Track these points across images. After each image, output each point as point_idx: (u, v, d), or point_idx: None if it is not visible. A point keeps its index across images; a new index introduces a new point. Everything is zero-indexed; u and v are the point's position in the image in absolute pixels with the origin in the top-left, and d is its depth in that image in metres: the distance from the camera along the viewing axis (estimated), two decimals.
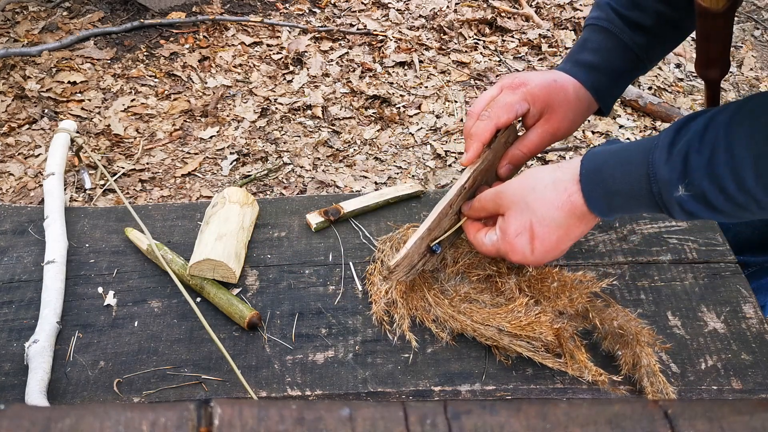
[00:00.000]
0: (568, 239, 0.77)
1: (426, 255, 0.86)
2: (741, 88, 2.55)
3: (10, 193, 1.98)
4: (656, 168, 0.69)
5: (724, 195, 0.65)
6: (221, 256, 0.90)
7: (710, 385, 0.83)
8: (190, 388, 0.83)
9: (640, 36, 0.88)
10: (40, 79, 2.33)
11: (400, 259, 0.82)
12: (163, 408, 0.38)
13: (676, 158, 0.67)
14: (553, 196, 0.75)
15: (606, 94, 0.90)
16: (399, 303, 0.88)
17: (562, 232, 0.76)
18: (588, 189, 0.73)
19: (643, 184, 0.70)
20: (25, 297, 0.94)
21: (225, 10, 2.72)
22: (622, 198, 0.72)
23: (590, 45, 0.89)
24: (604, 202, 0.73)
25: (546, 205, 0.75)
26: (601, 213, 0.74)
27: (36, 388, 0.79)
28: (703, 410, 0.41)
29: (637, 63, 0.90)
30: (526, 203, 0.76)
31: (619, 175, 0.72)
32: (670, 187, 0.68)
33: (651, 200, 0.70)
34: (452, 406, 0.41)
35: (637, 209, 0.73)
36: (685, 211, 0.69)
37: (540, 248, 0.77)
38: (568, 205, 0.74)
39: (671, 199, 0.68)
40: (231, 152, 2.14)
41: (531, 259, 0.78)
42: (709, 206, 0.67)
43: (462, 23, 2.74)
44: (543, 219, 0.75)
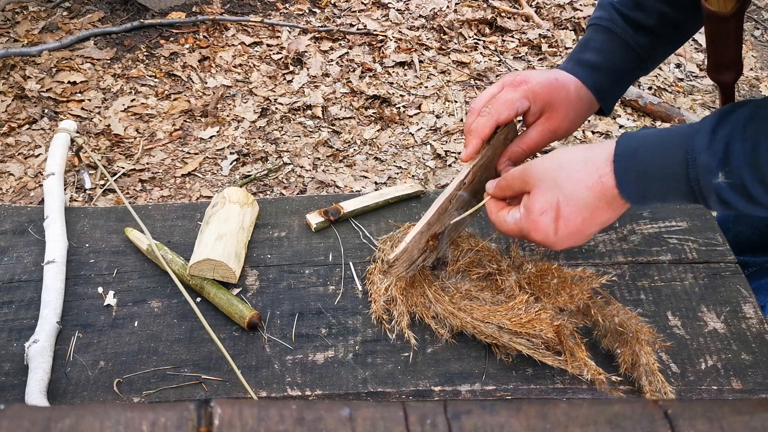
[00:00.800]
0: (593, 224, 0.74)
1: (426, 250, 0.86)
2: (741, 89, 2.55)
3: (10, 193, 1.98)
4: (696, 153, 0.66)
5: (764, 186, 0.64)
6: (221, 256, 0.90)
7: (710, 385, 0.83)
8: (190, 388, 0.83)
9: (643, 36, 0.88)
10: (40, 79, 2.33)
11: (400, 253, 0.81)
12: (163, 408, 0.38)
13: (717, 145, 0.65)
14: (583, 175, 0.72)
15: (607, 94, 0.90)
16: (398, 300, 0.87)
17: (588, 214, 0.73)
18: (621, 171, 0.70)
19: (680, 169, 0.67)
20: (25, 297, 0.94)
21: (225, 10, 2.72)
22: (656, 183, 0.69)
23: (592, 45, 0.89)
24: (637, 186, 0.70)
25: (575, 184, 0.72)
26: (632, 199, 0.72)
27: (36, 388, 0.79)
28: (703, 410, 0.41)
29: (639, 63, 0.90)
30: (554, 180, 0.74)
31: (656, 158, 0.69)
32: (709, 174, 0.65)
33: (687, 187, 0.67)
34: (452, 406, 0.41)
35: (671, 197, 0.70)
36: (721, 201, 0.66)
37: (564, 229, 0.74)
38: (599, 186, 0.72)
39: (709, 187, 0.66)
40: (231, 152, 2.14)
41: (553, 239, 0.75)
42: (747, 197, 0.65)
43: (462, 23, 2.74)
44: (570, 198, 0.73)
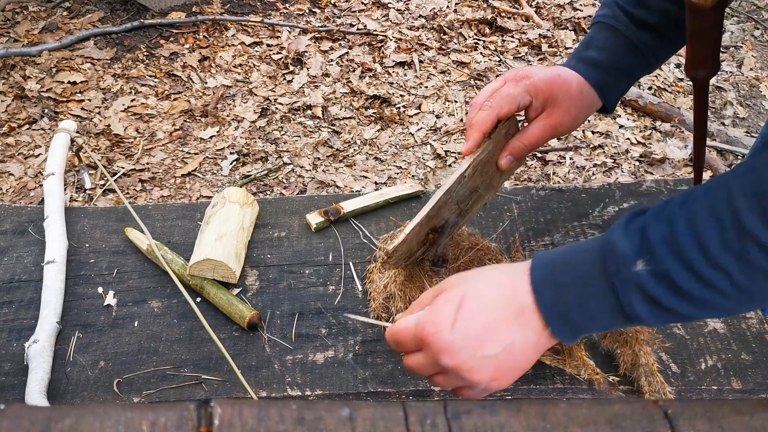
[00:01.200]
0: (495, 334, 0.64)
1: (426, 243, 0.85)
2: (741, 88, 2.55)
3: (10, 193, 1.98)
4: (612, 244, 0.61)
5: (689, 271, 0.58)
6: (221, 256, 0.90)
7: (710, 385, 0.83)
8: (190, 388, 0.83)
9: (646, 34, 0.87)
10: (40, 79, 2.33)
11: (399, 243, 0.81)
12: (163, 408, 0.38)
13: (633, 234, 0.61)
14: (497, 275, 0.67)
15: (610, 92, 0.90)
16: (397, 296, 0.87)
17: (491, 318, 0.64)
18: (539, 278, 0.64)
19: (598, 266, 0.62)
20: (25, 297, 0.94)
21: (225, 10, 2.72)
22: (574, 289, 0.63)
23: (596, 42, 0.89)
24: (556, 295, 0.63)
25: (486, 281, 0.67)
26: (549, 312, 0.64)
27: (36, 388, 0.79)
28: (703, 410, 0.41)
29: (643, 61, 0.89)
30: (466, 278, 0.68)
31: (574, 261, 0.64)
32: (627, 262, 0.60)
33: (607, 286, 0.61)
34: (452, 406, 0.41)
35: (593, 304, 0.62)
36: (646, 297, 0.60)
37: (461, 326, 0.64)
38: (510, 289, 0.65)
39: (629, 278, 0.60)
40: (231, 152, 2.14)
41: (447, 336, 0.64)
42: (673, 288, 0.59)
43: (462, 23, 2.74)
44: (477, 293, 0.66)
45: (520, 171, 2.14)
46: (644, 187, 1.10)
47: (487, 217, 1.05)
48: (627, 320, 0.62)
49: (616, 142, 2.26)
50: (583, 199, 1.08)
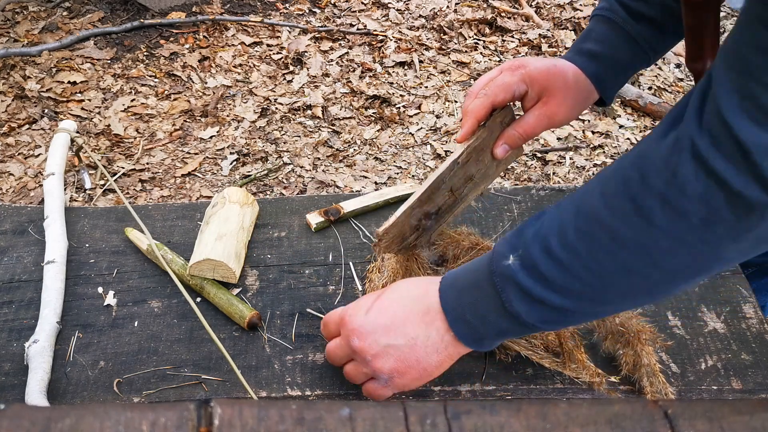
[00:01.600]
0: (400, 326, 0.70)
1: (419, 229, 0.85)
2: None
3: (10, 193, 1.98)
4: (497, 246, 0.67)
5: (550, 256, 0.62)
6: (221, 256, 0.90)
7: (710, 385, 0.83)
8: (190, 388, 0.83)
9: (644, 27, 0.88)
10: (40, 79, 2.33)
11: (389, 226, 0.81)
12: (163, 408, 0.38)
13: (512, 234, 0.67)
14: (421, 280, 0.75)
15: (607, 84, 0.90)
16: None
17: (400, 311, 0.70)
18: (445, 283, 0.70)
19: (485, 267, 0.67)
20: (25, 297, 0.94)
21: (225, 10, 2.72)
22: (469, 291, 0.68)
23: (594, 35, 0.89)
24: (455, 298, 0.69)
25: (409, 281, 0.75)
26: (450, 312, 0.69)
27: (36, 388, 0.79)
28: (703, 410, 0.41)
29: (641, 54, 0.90)
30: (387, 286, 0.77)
31: (470, 266, 0.70)
32: (503, 257, 0.65)
33: (490, 285, 0.66)
34: (452, 406, 0.41)
35: (484, 305, 0.67)
36: (518, 289, 0.64)
37: (373, 314, 0.71)
38: (423, 289, 0.71)
39: (503, 272, 0.64)
40: (231, 152, 2.14)
41: (360, 319, 0.71)
42: (539, 276, 0.62)
43: (462, 23, 2.74)
44: (395, 288, 0.73)
45: (520, 171, 2.14)
46: None
47: (487, 217, 1.05)
48: (512, 320, 0.65)
49: (616, 142, 2.26)
50: None
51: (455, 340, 0.69)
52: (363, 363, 0.72)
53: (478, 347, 0.70)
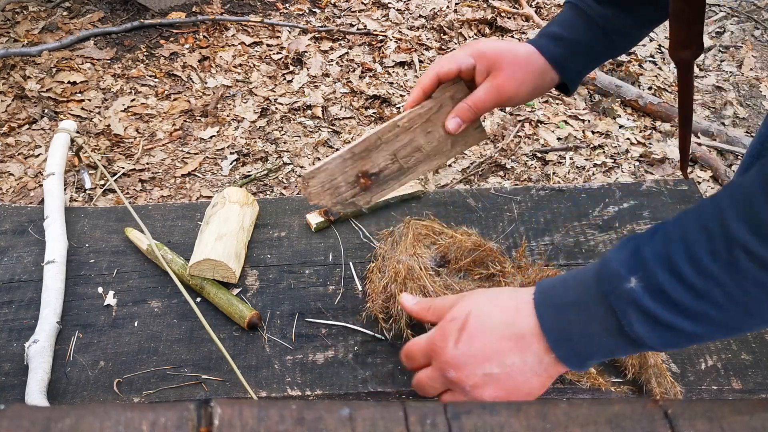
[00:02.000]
0: (494, 355, 0.66)
1: (355, 186, 0.86)
2: (741, 88, 2.55)
3: (10, 193, 1.98)
4: (607, 265, 0.62)
5: (681, 282, 0.58)
6: (221, 256, 0.90)
7: (710, 385, 0.83)
8: (190, 388, 0.83)
9: (608, 10, 0.87)
10: (40, 79, 2.33)
11: (316, 169, 0.80)
12: (163, 408, 0.38)
13: (626, 252, 0.62)
14: (503, 299, 0.69)
15: (567, 67, 0.89)
16: (397, 296, 0.87)
17: (490, 339, 0.66)
18: (541, 302, 0.65)
19: (594, 287, 0.62)
20: (25, 297, 0.94)
21: (225, 10, 2.72)
22: (574, 311, 0.63)
23: (559, 19, 0.90)
24: (556, 318, 0.64)
25: (490, 302, 0.69)
26: (551, 333, 0.64)
27: (36, 388, 0.79)
28: (703, 410, 0.41)
29: (604, 38, 0.89)
30: (475, 297, 0.71)
31: (570, 285, 0.64)
32: (621, 279, 0.60)
33: (604, 307, 0.61)
34: (452, 406, 0.41)
35: (593, 326, 0.63)
36: (642, 313, 0.60)
37: (463, 345, 0.67)
38: (512, 310, 0.67)
39: (624, 296, 0.60)
40: (231, 152, 2.14)
41: (451, 351, 0.67)
42: (668, 300, 0.59)
43: (462, 23, 2.74)
44: (481, 314, 0.68)
45: (520, 171, 2.14)
46: (644, 187, 1.11)
47: (487, 217, 1.05)
48: (630, 342, 0.62)
49: (616, 142, 2.26)
50: (583, 199, 1.09)
51: (556, 361, 0.65)
52: (462, 392, 0.69)
53: (580, 368, 0.66)
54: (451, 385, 0.70)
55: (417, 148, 0.87)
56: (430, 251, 0.91)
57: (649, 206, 1.07)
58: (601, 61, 0.92)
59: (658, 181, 1.12)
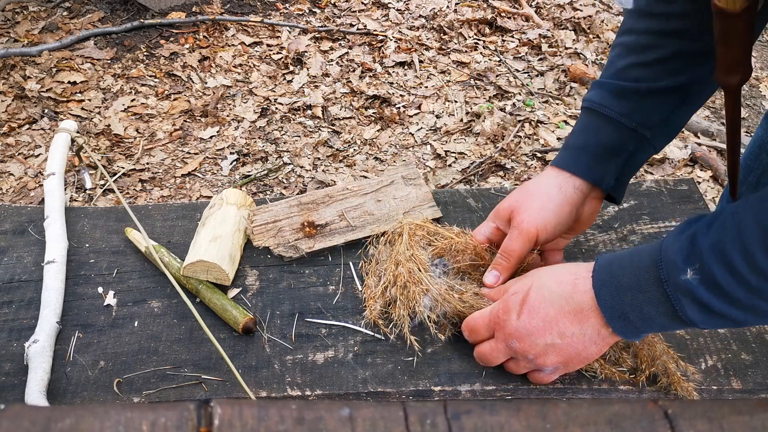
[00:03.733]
0: (554, 326, 0.72)
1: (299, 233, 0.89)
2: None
3: (10, 193, 1.98)
4: (664, 251, 0.65)
5: (735, 278, 0.60)
6: (215, 258, 0.90)
7: (710, 385, 0.83)
8: (190, 388, 0.83)
9: (624, 104, 0.84)
10: (40, 79, 2.33)
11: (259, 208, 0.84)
12: (163, 408, 0.38)
13: (683, 241, 0.64)
14: (562, 274, 0.73)
15: (597, 171, 0.85)
16: (399, 301, 0.86)
17: (552, 312, 0.72)
18: (599, 280, 0.69)
19: (651, 272, 0.65)
20: (25, 297, 0.94)
21: (225, 10, 2.72)
22: (630, 293, 0.67)
23: (575, 128, 0.88)
24: (613, 297, 0.68)
25: (550, 277, 0.74)
26: (608, 312, 0.69)
27: (36, 388, 0.79)
28: (703, 410, 0.41)
29: (631, 134, 0.84)
30: (537, 271, 0.76)
31: (628, 266, 0.68)
32: (677, 270, 0.63)
33: (660, 292, 0.65)
34: (452, 406, 0.41)
35: (648, 308, 0.67)
36: (696, 302, 0.63)
37: (526, 317, 0.73)
38: (570, 285, 0.71)
39: (679, 285, 0.63)
40: (231, 152, 2.14)
41: (514, 323, 0.74)
42: (721, 293, 0.61)
43: (462, 23, 2.74)
44: (541, 287, 0.73)
45: (520, 171, 2.14)
46: (644, 187, 1.10)
47: (486, 218, 1.05)
48: (682, 324, 0.66)
49: None
50: None
51: (612, 333, 0.71)
52: (525, 360, 0.76)
53: (634, 338, 0.72)
54: (514, 354, 0.76)
55: (366, 212, 0.88)
56: (427, 252, 0.90)
57: (649, 206, 1.07)
58: (638, 158, 0.87)
59: (658, 181, 1.12)
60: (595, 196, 0.88)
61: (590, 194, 0.87)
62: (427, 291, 0.85)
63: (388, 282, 0.87)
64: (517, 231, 0.84)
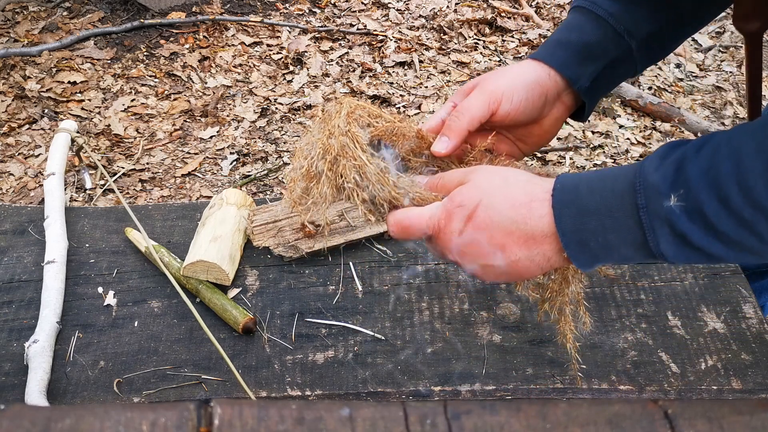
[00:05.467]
0: (499, 249, 0.64)
1: (299, 233, 0.85)
2: (741, 88, 2.55)
3: (10, 193, 1.98)
4: (645, 175, 0.58)
5: (727, 209, 0.54)
6: (215, 258, 0.90)
7: (710, 385, 0.83)
8: (190, 388, 0.83)
9: (615, 5, 0.79)
10: (40, 79, 2.33)
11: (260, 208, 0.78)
12: (163, 408, 0.38)
13: (668, 166, 0.57)
14: (516, 193, 0.64)
15: (575, 71, 0.79)
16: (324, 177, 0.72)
17: (498, 234, 0.64)
18: (560, 201, 0.61)
19: (625, 198, 0.58)
20: (25, 297, 0.94)
21: (225, 10, 2.72)
22: (596, 217, 0.60)
23: (562, 25, 0.83)
24: (575, 222, 0.61)
25: (503, 196, 0.64)
26: (567, 235, 0.61)
27: (36, 388, 0.79)
28: (703, 410, 0.41)
29: (616, 39, 0.79)
30: (489, 183, 0.66)
31: (598, 188, 0.60)
32: (660, 196, 0.56)
33: (633, 219, 0.58)
34: (452, 406, 0.41)
35: (615, 236, 0.60)
36: (675, 234, 0.56)
37: (468, 236, 0.65)
38: (525, 209, 0.63)
39: (660, 213, 0.56)
40: (231, 152, 2.14)
41: (455, 239, 0.66)
42: (705, 224, 0.55)
43: (462, 23, 2.74)
44: (491, 207, 0.64)
45: None
46: None
47: None
48: (649, 255, 0.59)
49: (616, 142, 2.26)
50: None
51: (565, 259, 0.64)
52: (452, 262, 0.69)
53: (587, 269, 0.65)
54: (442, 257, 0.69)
55: (365, 214, 0.87)
56: (365, 132, 0.76)
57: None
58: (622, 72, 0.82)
59: None
60: (565, 100, 0.80)
61: (561, 95, 0.80)
62: (359, 168, 0.73)
63: (316, 156, 0.73)
64: (479, 90, 0.76)
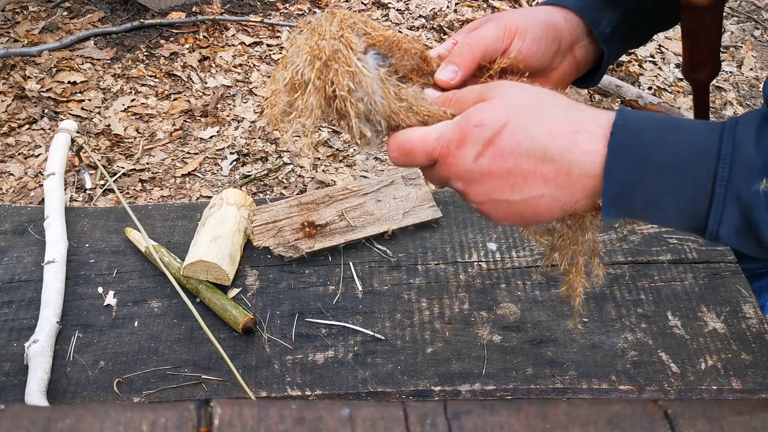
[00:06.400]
0: (521, 182, 0.53)
1: (299, 233, 0.88)
2: (741, 88, 2.55)
3: (10, 193, 1.98)
4: (738, 146, 0.48)
5: None
6: (215, 258, 0.90)
7: (710, 385, 0.83)
8: (190, 388, 0.83)
9: None
10: (40, 79, 2.33)
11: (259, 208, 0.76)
12: (163, 408, 0.38)
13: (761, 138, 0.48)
14: (556, 118, 0.53)
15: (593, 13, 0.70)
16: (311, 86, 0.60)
17: (525, 166, 0.52)
18: (619, 143, 0.50)
19: (705, 162, 0.48)
20: (25, 297, 0.94)
21: (225, 10, 2.72)
22: (659, 174, 0.49)
23: None
24: (630, 171, 0.50)
25: (539, 120, 0.53)
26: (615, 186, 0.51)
27: (36, 388, 0.79)
28: (703, 410, 0.41)
29: None
30: (521, 102, 0.54)
31: (673, 140, 0.50)
32: (750, 174, 0.47)
33: (704, 190, 0.49)
34: (452, 406, 0.41)
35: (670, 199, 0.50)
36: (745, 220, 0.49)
37: (486, 162, 0.53)
38: (566, 141, 0.51)
39: (741, 193, 0.48)
40: (231, 152, 2.14)
41: (467, 164, 0.54)
42: None
43: (462, 23, 2.74)
44: (520, 129, 0.52)
45: None
46: None
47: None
48: (697, 231, 0.51)
49: None
50: None
51: (593, 207, 0.54)
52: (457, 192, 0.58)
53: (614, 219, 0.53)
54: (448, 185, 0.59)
55: (367, 212, 0.88)
56: (361, 41, 0.63)
57: None
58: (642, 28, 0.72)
59: None
60: (577, 54, 0.71)
61: (575, 47, 0.70)
62: (353, 75, 0.60)
63: (303, 62, 0.61)
64: (494, 22, 0.65)
